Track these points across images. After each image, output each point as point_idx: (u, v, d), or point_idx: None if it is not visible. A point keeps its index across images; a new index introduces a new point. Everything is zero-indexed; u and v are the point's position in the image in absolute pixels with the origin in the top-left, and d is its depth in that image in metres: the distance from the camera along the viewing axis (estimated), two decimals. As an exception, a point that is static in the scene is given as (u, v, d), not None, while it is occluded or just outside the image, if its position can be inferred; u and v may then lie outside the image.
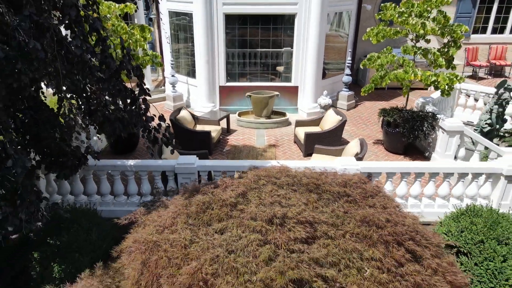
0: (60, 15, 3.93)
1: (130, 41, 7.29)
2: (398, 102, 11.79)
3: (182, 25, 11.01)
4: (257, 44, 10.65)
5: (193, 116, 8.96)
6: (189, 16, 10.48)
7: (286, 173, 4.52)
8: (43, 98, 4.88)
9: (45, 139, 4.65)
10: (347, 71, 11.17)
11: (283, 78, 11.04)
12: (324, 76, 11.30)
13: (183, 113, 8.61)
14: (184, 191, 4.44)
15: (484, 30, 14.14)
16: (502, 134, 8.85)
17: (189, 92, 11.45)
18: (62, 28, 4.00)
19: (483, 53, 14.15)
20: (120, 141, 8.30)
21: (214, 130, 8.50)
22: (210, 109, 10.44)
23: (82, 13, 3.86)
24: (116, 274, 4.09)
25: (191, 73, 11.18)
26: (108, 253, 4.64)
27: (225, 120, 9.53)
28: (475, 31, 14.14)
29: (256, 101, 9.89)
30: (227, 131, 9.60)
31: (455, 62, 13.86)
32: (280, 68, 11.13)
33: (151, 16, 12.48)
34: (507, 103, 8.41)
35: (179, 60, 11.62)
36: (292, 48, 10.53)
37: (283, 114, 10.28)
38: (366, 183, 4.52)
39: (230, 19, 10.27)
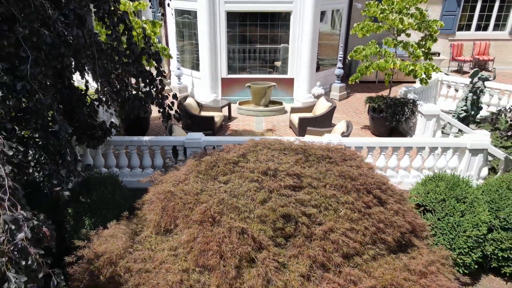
0: (95, 9, 4.78)
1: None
2: (386, 93, 12.62)
3: (187, 23, 11.86)
4: (256, 40, 11.50)
5: (198, 103, 9.82)
6: (193, 13, 11.33)
7: (279, 142, 5.38)
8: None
9: (77, 114, 5.51)
10: (339, 64, 12.03)
11: (280, 71, 11.91)
12: (318, 69, 12.15)
13: (189, 101, 9.47)
14: (195, 155, 5.31)
15: (468, 28, 14.99)
16: (478, 120, 9.71)
17: (193, 84, 12.30)
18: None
19: (467, 49, 15.01)
20: (132, 126, 9.18)
21: (217, 116, 9.36)
22: (213, 98, 11.30)
23: (112, 8, 4.72)
24: (139, 220, 4.95)
25: (195, 66, 12.04)
26: (129, 212, 5.51)
27: (226, 108, 10.39)
28: (460, 28, 14.99)
29: (255, 91, 10.75)
30: (229, 118, 10.46)
31: (441, 57, 14.76)
32: (278, 63, 11.99)
33: (158, 14, 13.33)
34: (481, 91, 9.25)
35: (183, 55, 12.46)
36: (288, 43, 11.38)
37: (280, 103, 11.13)
38: (345, 150, 5.38)
39: (231, 16, 11.13)
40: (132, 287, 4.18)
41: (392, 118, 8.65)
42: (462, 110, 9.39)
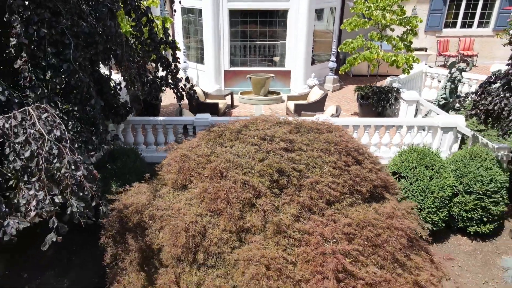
0: (122, 4, 5.71)
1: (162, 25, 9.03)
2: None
3: (192, 20, 12.78)
4: (256, 36, 12.42)
5: (203, 92, 10.75)
6: (198, 11, 12.25)
7: (276, 118, 6.31)
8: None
9: (104, 93, 6.45)
10: (332, 58, 12.95)
11: (278, 64, 12.83)
12: (313, 63, 13.08)
13: (196, 89, 10.38)
14: (205, 127, 6.24)
15: (454, 25, 15.91)
16: (457, 108, 10.64)
17: (198, 76, 13.22)
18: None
19: (453, 44, 15.92)
20: (144, 111, 10.11)
21: (221, 103, 10.29)
22: (216, 89, 12.23)
23: (137, 3, 5.65)
24: (159, 181, 5.88)
25: (200, 60, 12.97)
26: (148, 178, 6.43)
27: (229, 97, 11.31)
28: (447, 26, 15.90)
29: (255, 82, 11.67)
30: (231, 106, 11.39)
31: (428, 52, 15.66)
32: (276, 58, 12.92)
33: (165, 12, 14.24)
34: (459, 80, 10.18)
35: (189, 50, 13.38)
36: (285, 38, 12.30)
37: (278, 93, 12.06)
38: (331, 124, 6.30)
39: (233, 14, 12.05)
40: (156, 230, 5.11)
41: (377, 104, 9.57)
42: (441, 98, 10.32)
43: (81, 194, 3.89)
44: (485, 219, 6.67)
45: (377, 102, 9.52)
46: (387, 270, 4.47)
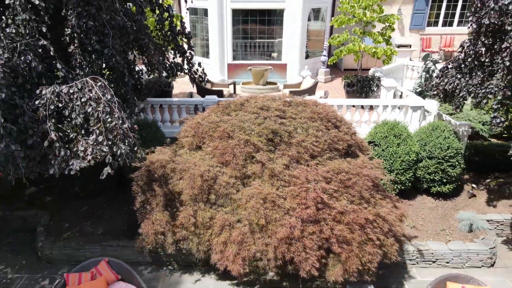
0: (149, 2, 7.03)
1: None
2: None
3: (199, 19, 14.11)
4: (256, 32, 13.75)
5: (209, 81, 12.07)
6: (204, 11, 13.57)
7: (271, 96, 7.64)
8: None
9: (132, 75, 7.75)
10: (324, 53, 14.26)
11: (276, 58, 14.17)
12: (307, 57, 14.40)
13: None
14: (214, 102, 7.56)
15: (436, 24, 17.22)
16: (433, 95, 11.95)
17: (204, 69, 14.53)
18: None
19: (435, 42, 17.24)
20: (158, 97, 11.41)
21: (225, 90, 11.62)
22: (221, 79, 13.55)
23: (161, 1, 6.99)
24: (177, 145, 7.20)
25: (205, 54, 14.30)
26: (168, 144, 7.74)
27: (232, 86, 12.64)
28: (429, 25, 17.21)
29: (255, 73, 12.99)
30: (234, 94, 12.71)
31: (412, 48, 16.95)
32: (274, 54, 14.25)
33: (173, 11, 15.59)
34: (433, 71, 11.50)
35: (196, 47, 14.71)
36: (282, 35, 13.62)
37: (275, 84, 13.38)
38: (317, 101, 7.62)
39: (235, 13, 13.36)
40: (176, 179, 6.42)
41: (361, 91, 10.89)
42: (418, 86, 11.65)
43: (126, 141, 5.21)
44: (444, 180, 7.99)
45: (361, 88, 10.84)
46: (355, 204, 5.79)
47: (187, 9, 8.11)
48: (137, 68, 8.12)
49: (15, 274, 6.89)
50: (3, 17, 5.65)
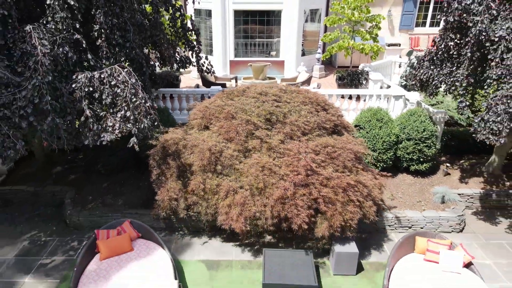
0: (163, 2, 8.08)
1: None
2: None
3: (203, 19, 15.14)
4: (256, 31, 14.80)
5: (214, 73, 13.11)
6: (208, 12, 14.62)
7: (269, 84, 8.67)
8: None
9: (148, 67, 8.80)
10: (319, 50, 15.31)
11: (274, 56, 15.21)
12: (303, 54, 15.44)
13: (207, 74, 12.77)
14: (218, 91, 8.60)
15: (424, 24, 18.27)
16: (410, 84, 12.97)
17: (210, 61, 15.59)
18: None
19: (423, 41, 18.28)
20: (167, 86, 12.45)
21: (228, 83, 12.66)
22: (223, 74, 14.60)
23: (174, 2, 8.04)
24: (187, 126, 8.24)
25: (209, 52, 15.34)
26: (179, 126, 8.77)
27: (234, 80, 13.68)
28: (418, 25, 18.25)
29: (255, 69, 14.02)
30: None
31: (401, 47, 17.97)
32: (273, 53, 15.29)
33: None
34: (416, 66, 12.51)
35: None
36: (280, 34, 14.67)
37: (273, 78, 14.39)
38: (309, 90, 8.66)
39: (237, 13, 14.41)
40: (187, 154, 7.45)
41: (351, 83, 11.93)
42: (403, 80, 12.69)
43: (148, 116, 6.25)
44: (422, 159, 9.01)
45: (351, 81, 11.88)
46: (339, 172, 6.81)
47: (194, 10, 9.10)
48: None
49: (47, 237, 7.91)
50: (44, 16, 6.70)
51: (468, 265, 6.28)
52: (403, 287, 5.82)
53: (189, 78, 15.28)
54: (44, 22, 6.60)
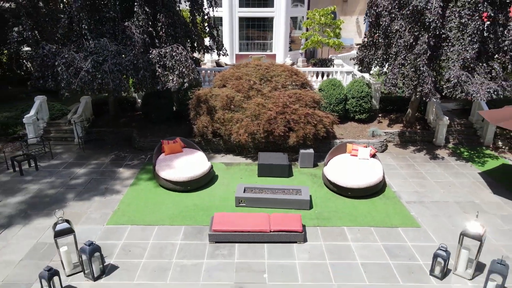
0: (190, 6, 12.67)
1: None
2: (331, 65, 20.51)
3: (216, 24, 19.75)
4: (255, 32, 19.40)
5: (224, 63, 17.70)
6: (220, 18, 19.23)
7: (263, 62, 13.23)
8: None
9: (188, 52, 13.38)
10: (302, 46, 19.91)
11: (268, 51, 19.83)
12: (290, 50, 20.05)
13: (221, 61, 17.33)
14: (230, 67, 13.18)
15: (385, 28, 22.90)
16: (354, 63, 17.56)
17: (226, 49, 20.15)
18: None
19: (384, 41, 22.89)
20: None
21: (235, 68, 17.24)
22: (231, 63, 19.19)
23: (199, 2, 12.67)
24: (212, 87, 12.79)
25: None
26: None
27: (239, 67, 18.27)
28: (380, 29, 22.87)
29: (254, 59, 18.62)
30: (240, 73, 18.33)
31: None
32: (268, 49, 19.90)
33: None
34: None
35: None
36: (273, 33, 19.29)
37: (268, 67, 19.03)
38: (288, 65, 13.19)
39: (241, 20, 19.01)
40: (213, 101, 11.97)
41: (321, 66, 16.47)
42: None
43: (194, 72, 10.80)
44: (361, 111, 13.51)
45: (321, 66, 16.42)
46: (302, 107, 11.34)
47: (208, 16, 13.65)
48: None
49: (125, 154, 12.39)
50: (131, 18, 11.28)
51: (373, 156, 10.77)
52: (332, 165, 10.30)
53: (205, 67, 19.86)
54: (132, 21, 11.19)
